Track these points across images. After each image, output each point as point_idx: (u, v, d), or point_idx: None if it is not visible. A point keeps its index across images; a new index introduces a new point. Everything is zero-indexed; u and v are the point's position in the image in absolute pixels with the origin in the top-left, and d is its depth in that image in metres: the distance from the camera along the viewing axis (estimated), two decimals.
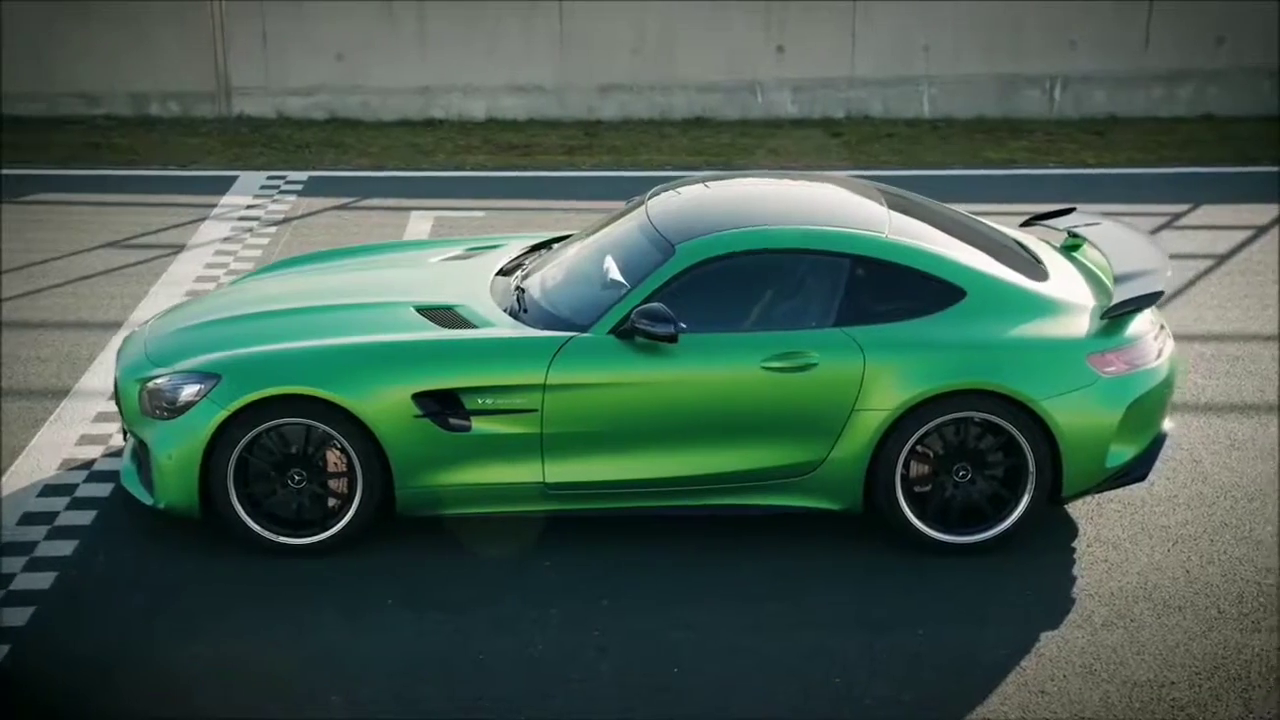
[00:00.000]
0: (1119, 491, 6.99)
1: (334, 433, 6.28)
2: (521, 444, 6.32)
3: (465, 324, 6.59)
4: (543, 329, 6.47)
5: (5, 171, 13.34)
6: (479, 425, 6.31)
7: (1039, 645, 5.81)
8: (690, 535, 6.60)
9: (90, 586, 6.19)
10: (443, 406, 6.29)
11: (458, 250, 7.75)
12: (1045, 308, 6.51)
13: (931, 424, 6.31)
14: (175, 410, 6.35)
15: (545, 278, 6.91)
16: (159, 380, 6.45)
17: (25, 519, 6.74)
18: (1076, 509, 6.89)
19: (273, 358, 6.37)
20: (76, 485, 7.06)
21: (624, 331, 6.31)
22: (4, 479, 7.13)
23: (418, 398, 6.27)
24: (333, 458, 6.36)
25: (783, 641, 5.83)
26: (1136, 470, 6.59)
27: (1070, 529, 6.72)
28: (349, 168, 13.67)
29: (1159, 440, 6.63)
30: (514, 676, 5.60)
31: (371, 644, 5.80)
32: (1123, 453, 6.44)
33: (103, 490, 7.01)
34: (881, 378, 6.28)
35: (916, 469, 6.42)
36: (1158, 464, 6.98)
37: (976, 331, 6.38)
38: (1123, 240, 7.18)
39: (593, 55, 15.70)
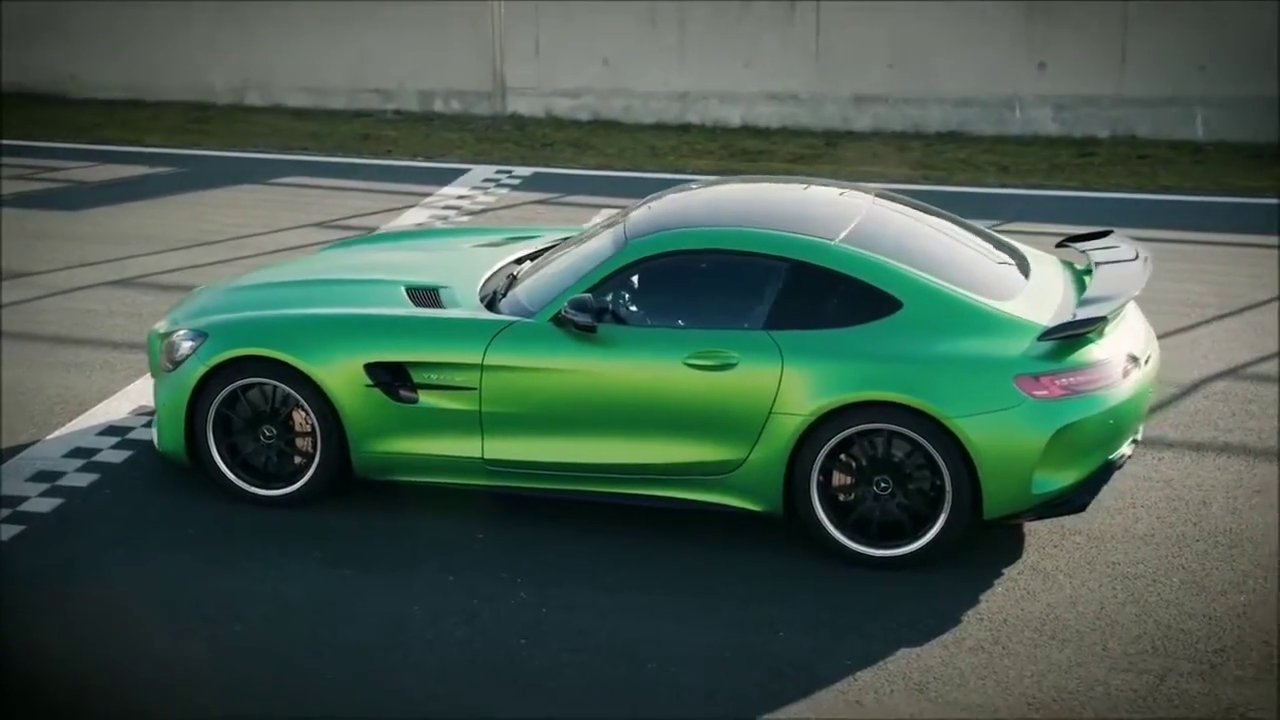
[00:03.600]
0: (1086, 522, 6.76)
1: (297, 395, 6.84)
2: (462, 419, 6.71)
3: (437, 304, 7.03)
4: (508, 314, 6.83)
5: (278, 156, 14.67)
6: (425, 399, 6.74)
7: (888, 660, 5.75)
8: (631, 526, 6.79)
9: (81, 515, 6.97)
10: (393, 378, 6.75)
11: (499, 238, 8.20)
12: (988, 325, 6.38)
13: (845, 433, 6.31)
14: (175, 364, 7.07)
15: (535, 267, 7.27)
16: (172, 335, 7.19)
17: (71, 453, 7.63)
18: (1035, 535, 6.70)
19: (251, 322, 7.01)
20: (132, 429, 7.91)
21: (560, 320, 6.60)
22: (80, 419, 8.04)
23: (369, 368, 6.75)
24: (299, 418, 6.92)
25: (641, 630, 5.99)
26: (1076, 499, 6.36)
27: (1011, 554, 6.56)
28: (578, 166, 14.29)
29: (1104, 470, 6.39)
30: (377, 631, 6.00)
31: (273, 589, 6.32)
32: (1053, 479, 6.24)
33: (151, 435, 7.80)
34: (797, 382, 6.33)
35: (839, 478, 6.42)
36: (1157, 504, 6.74)
37: (903, 343, 6.33)
38: (1120, 269, 6.92)
39: (848, 66, 15.79)
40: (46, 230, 11.98)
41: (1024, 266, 7.00)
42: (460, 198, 12.98)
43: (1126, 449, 6.54)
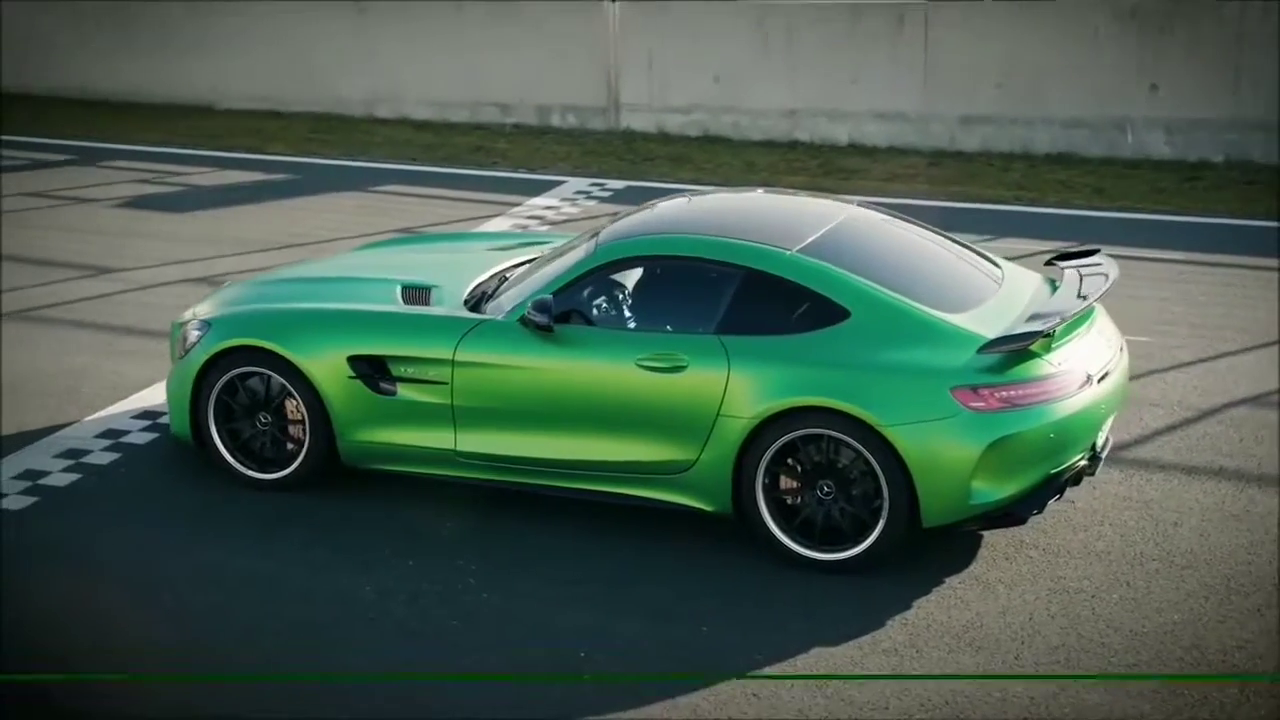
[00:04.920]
0: (1045, 537, 6.82)
1: (287, 384, 7.24)
2: (436, 412, 7.03)
3: (425, 302, 7.38)
4: (491, 314, 7.14)
5: (386, 166, 15.26)
6: (403, 391, 7.09)
7: (799, 656, 5.89)
8: (593, 521, 7.01)
9: (92, 490, 7.47)
10: (374, 371, 7.11)
11: (513, 243, 8.55)
12: (932, 336, 6.47)
13: (788, 437, 6.46)
14: (186, 352, 7.54)
15: (526, 271, 7.57)
16: (185, 325, 7.67)
17: (103, 434, 8.16)
18: (990, 547, 6.76)
19: (249, 314, 7.44)
20: (163, 414, 8.40)
21: (524, 320, 6.89)
22: (121, 404, 8.58)
23: (352, 360, 7.12)
24: (291, 406, 7.32)
25: (571, 618, 6.22)
26: (1016, 511, 6.42)
27: (960, 564, 6.63)
28: (672, 180, 14.53)
29: (1048, 485, 6.42)
30: (326, 606, 6.35)
31: (244, 565, 6.72)
32: (991, 491, 6.31)
33: None
34: (742, 386, 6.50)
35: (785, 482, 6.57)
36: (1126, 522, 6.78)
37: (846, 352, 6.46)
38: (1080, 286, 6.95)
39: (956, 86, 15.77)
40: (150, 230, 12.70)
41: (995, 282, 7.05)
42: (546, 208, 13.34)
43: (1081, 463, 6.54)
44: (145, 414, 8.42)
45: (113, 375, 9.04)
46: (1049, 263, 7.64)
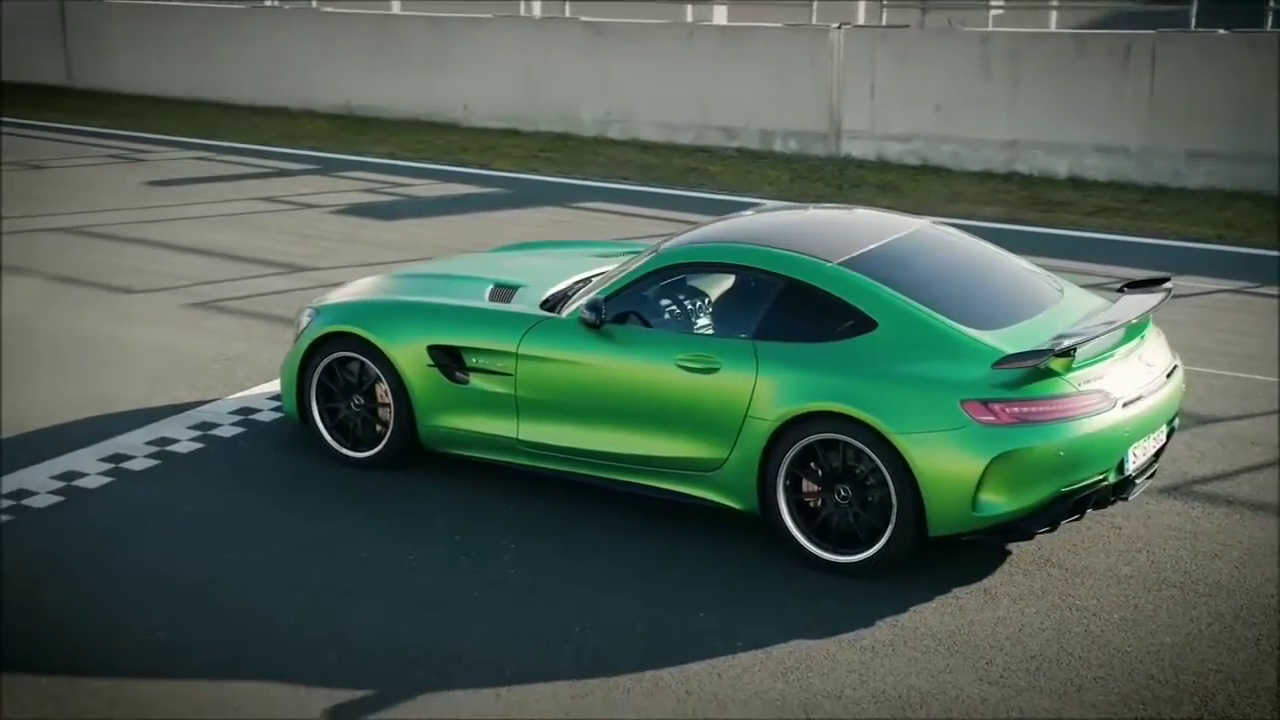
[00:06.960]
0: (1072, 556, 6.86)
1: (377, 370, 7.86)
2: (502, 402, 7.53)
3: (507, 300, 7.89)
4: (563, 313, 7.60)
5: (596, 184, 15.92)
6: (475, 381, 7.61)
7: (776, 646, 6.10)
8: (642, 512, 7.37)
9: (209, 459, 8.18)
10: (450, 360, 7.66)
11: (620, 251, 9.00)
12: (953, 350, 6.60)
13: (806, 440, 6.68)
14: (298, 336, 8.26)
15: (605, 275, 7.99)
16: (302, 312, 8.39)
17: (235, 410, 8.94)
18: (1012, 561, 6.83)
19: (351, 303, 8.08)
20: None
21: (580, 318, 7.33)
22: (263, 386, 9.38)
23: (431, 350, 7.68)
24: (380, 391, 7.94)
25: (581, 597, 6.57)
26: (1024, 526, 6.50)
27: (975, 574, 6.72)
28: (869, 207, 14.67)
29: (1058, 503, 6.47)
30: (361, 571, 6.86)
31: (309, 530, 7.30)
32: (997, 504, 6.40)
33: None
34: (768, 389, 6.77)
35: (806, 484, 6.81)
36: (1164, 550, 6.79)
37: (869, 361, 6.65)
38: (1121, 312, 6.97)
39: (1182, 120, 15.48)
40: (357, 235, 13.63)
41: (1046, 302, 7.11)
42: None
43: (1102, 484, 6.55)
44: (273, 397, 9.15)
45: (267, 362, 9.84)
46: (1120, 289, 7.62)
